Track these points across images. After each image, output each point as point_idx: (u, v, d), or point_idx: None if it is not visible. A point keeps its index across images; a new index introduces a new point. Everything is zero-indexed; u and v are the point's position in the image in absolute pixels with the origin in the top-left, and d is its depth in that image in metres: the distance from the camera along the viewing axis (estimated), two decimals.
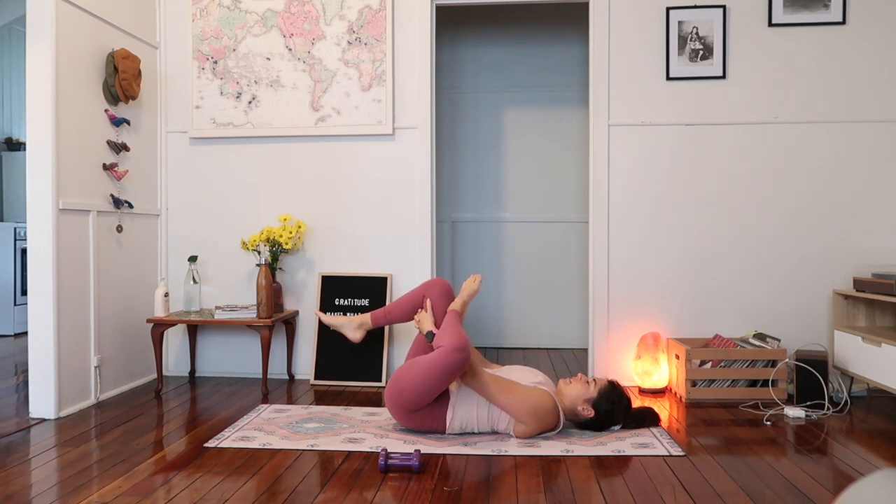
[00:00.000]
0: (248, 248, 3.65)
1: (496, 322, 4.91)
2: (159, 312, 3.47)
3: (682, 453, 2.49)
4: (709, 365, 3.28)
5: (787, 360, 3.24)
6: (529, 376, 2.75)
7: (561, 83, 4.87)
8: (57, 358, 3.01)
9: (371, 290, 3.73)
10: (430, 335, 2.85)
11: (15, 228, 5.37)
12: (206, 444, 2.59)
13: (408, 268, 3.75)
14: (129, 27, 3.56)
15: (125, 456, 2.49)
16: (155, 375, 3.77)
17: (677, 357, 3.37)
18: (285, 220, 3.70)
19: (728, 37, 3.58)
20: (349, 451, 2.53)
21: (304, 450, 2.55)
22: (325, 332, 3.71)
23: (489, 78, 4.92)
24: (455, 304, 2.92)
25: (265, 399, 3.33)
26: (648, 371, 3.42)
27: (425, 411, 2.66)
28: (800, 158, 3.57)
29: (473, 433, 2.70)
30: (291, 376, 3.79)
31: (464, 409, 2.67)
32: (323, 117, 3.75)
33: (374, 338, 3.65)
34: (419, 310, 3.08)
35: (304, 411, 3.08)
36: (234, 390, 3.51)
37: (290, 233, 3.64)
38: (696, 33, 3.57)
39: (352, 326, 3.25)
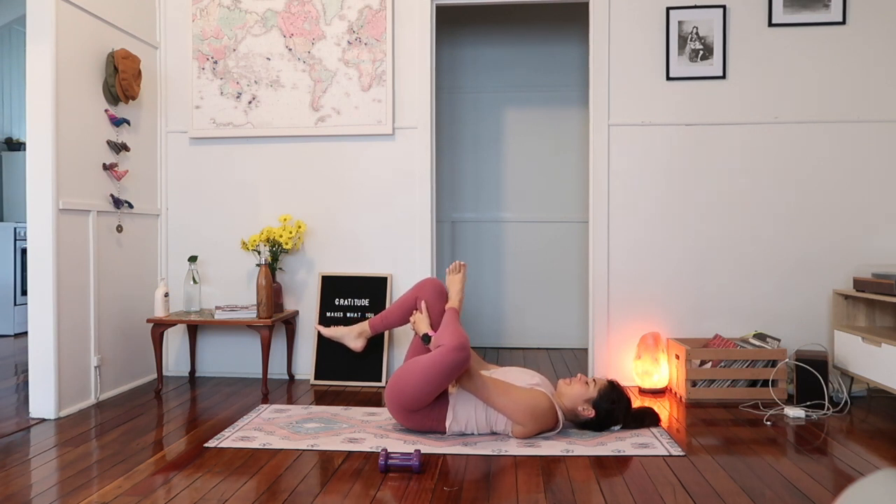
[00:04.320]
0: (248, 248, 3.65)
1: (496, 322, 4.91)
2: (159, 312, 3.47)
3: (682, 453, 2.49)
4: (709, 365, 3.28)
5: (787, 360, 3.24)
6: (526, 378, 2.75)
7: (561, 83, 4.87)
8: (57, 358, 3.01)
9: (371, 290, 3.73)
10: (427, 337, 2.84)
11: (15, 228, 5.37)
12: (206, 444, 2.59)
13: (408, 268, 3.75)
14: (129, 27, 3.56)
15: (125, 456, 2.49)
16: (155, 375, 3.77)
17: (677, 357, 3.37)
18: (285, 220, 3.70)
19: (728, 37, 3.58)
20: (349, 451, 2.53)
21: (304, 450, 2.55)
22: None
23: (489, 78, 4.92)
24: (452, 302, 2.91)
25: (265, 399, 3.33)
26: (648, 371, 3.42)
27: (425, 412, 2.66)
28: (800, 158, 3.57)
29: (473, 434, 2.70)
30: (291, 376, 3.79)
31: (463, 411, 2.67)
32: (323, 117, 3.75)
33: (374, 338, 3.65)
34: (414, 311, 3.07)
35: (304, 411, 3.08)
36: (234, 390, 3.51)
37: (290, 233, 3.64)
38: (696, 33, 3.57)
39: (352, 336, 3.24)
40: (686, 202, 3.62)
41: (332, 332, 3.27)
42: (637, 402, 3.24)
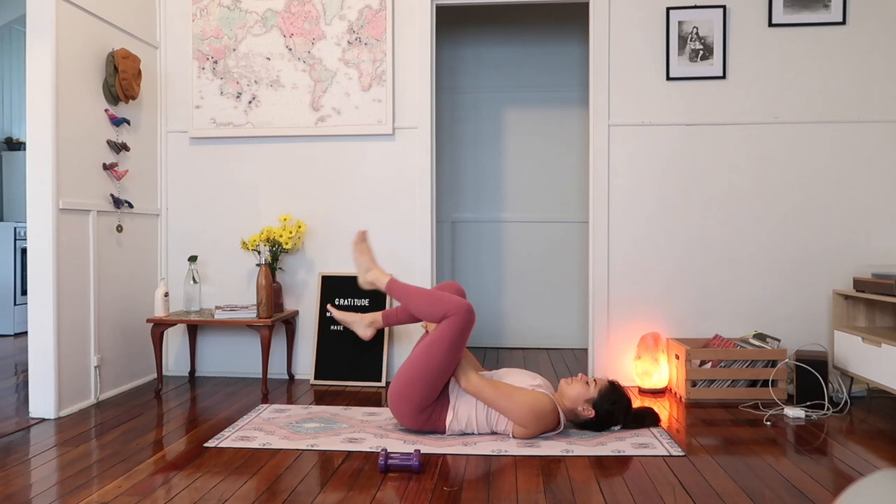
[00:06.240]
0: (248, 248, 3.65)
1: (496, 322, 4.91)
2: (159, 312, 3.47)
3: (682, 453, 2.49)
4: (709, 365, 3.28)
5: (787, 360, 3.24)
6: (528, 379, 2.75)
7: (561, 83, 4.87)
8: (57, 358, 3.01)
9: (371, 289, 3.72)
10: None
11: (15, 228, 5.37)
12: (206, 444, 2.59)
13: (408, 268, 3.75)
14: (129, 27, 3.56)
15: (125, 456, 2.49)
16: (155, 375, 3.77)
17: (677, 357, 3.37)
18: (285, 219, 3.70)
19: (728, 37, 3.58)
20: (349, 451, 2.53)
21: (304, 450, 2.55)
22: (325, 331, 3.71)
23: (489, 78, 4.92)
24: (384, 274, 2.89)
25: (265, 399, 3.33)
26: (648, 371, 3.42)
27: (428, 410, 2.66)
28: (800, 158, 3.57)
29: (473, 434, 2.70)
30: (291, 376, 3.79)
31: (464, 410, 2.67)
32: (323, 117, 3.75)
33: (375, 337, 3.65)
34: None
35: (304, 411, 3.08)
36: (234, 390, 3.51)
37: (290, 233, 3.64)
38: (696, 33, 3.57)
39: (363, 324, 3.19)
40: (686, 202, 3.62)
41: (343, 315, 3.19)
42: (637, 403, 3.24)
